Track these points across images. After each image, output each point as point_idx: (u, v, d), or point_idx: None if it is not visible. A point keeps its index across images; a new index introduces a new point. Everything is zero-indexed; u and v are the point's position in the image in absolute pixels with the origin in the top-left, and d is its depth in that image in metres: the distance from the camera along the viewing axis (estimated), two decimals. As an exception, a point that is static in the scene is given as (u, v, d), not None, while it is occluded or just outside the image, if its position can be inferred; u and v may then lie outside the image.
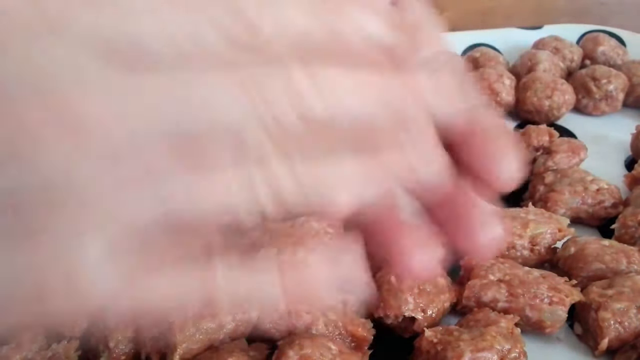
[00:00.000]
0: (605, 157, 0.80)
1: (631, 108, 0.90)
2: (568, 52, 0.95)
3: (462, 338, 0.50)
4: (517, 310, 0.55)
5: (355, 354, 0.51)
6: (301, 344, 0.48)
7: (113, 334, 0.51)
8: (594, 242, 0.61)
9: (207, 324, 0.50)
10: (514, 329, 0.52)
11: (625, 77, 0.88)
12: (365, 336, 0.54)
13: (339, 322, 0.54)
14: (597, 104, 0.88)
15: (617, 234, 0.65)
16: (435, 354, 0.50)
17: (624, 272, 0.58)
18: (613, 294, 0.55)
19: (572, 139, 0.77)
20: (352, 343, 0.54)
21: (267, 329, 0.53)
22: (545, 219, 0.63)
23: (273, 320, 0.53)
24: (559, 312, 0.55)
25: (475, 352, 0.49)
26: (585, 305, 0.56)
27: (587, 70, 0.89)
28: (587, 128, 0.86)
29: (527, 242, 0.62)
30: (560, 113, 0.85)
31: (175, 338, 0.49)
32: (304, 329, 0.53)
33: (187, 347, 0.49)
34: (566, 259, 0.61)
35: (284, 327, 0.53)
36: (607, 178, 0.71)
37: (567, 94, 0.85)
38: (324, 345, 0.49)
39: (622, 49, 0.97)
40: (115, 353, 0.51)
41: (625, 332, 0.54)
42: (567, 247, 0.62)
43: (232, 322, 0.51)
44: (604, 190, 0.68)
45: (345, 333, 0.54)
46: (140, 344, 0.52)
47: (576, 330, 0.57)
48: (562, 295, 0.55)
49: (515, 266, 0.58)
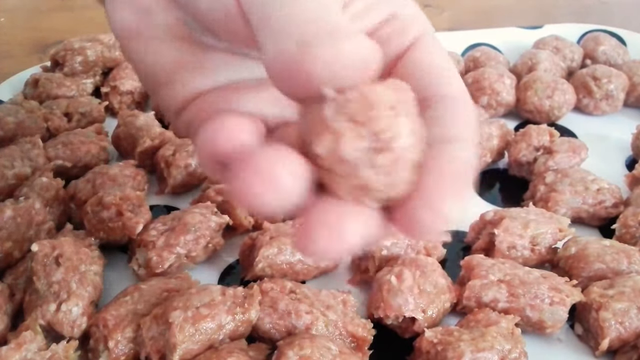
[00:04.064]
0: (606, 157, 0.80)
1: (632, 108, 0.90)
2: (569, 52, 0.95)
3: (463, 338, 0.50)
4: (518, 310, 0.55)
5: (355, 355, 0.51)
6: (301, 344, 0.48)
7: (112, 334, 0.51)
8: (595, 242, 0.61)
9: (207, 324, 0.50)
10: (515, 329, 0.52)
11: (625, 77, 0.88)
12: (365, 336, 0.54)
13: (339, 323, 0.54)
14: (598, 104, 0.87)
15: (617, 234, 0.65)
16: (436, 354, 0.50)
17: (624, 272, 0.58)
18: (614, 294, 0.55)
19: (573, 139, 0.76)
20: (352, 343, 0.54)
21: (267, 329, 0.53)
22: (545, 219, 0.63)
23: (273, 321, 0.53)
24: (560, 313, 0.55)
25: (475, 353, 0.49)
26: (586, 305, 0.56)
27: (588, 70, 0.89)
28: (587, 128, 0.86)
29: (528, 242, 0.62)
30: (560, 113, 0.85)
31: (175, 338, 0.49)
32: (304, 329, 0.52)
33: (187, 347, 0.49)
34: (567, 259, 0.61)
35: (284, 327, 0.53)
36: (608, 178, 0.70)
37: (567, 94, 0.84)
38: (323, 345, 0.49)
39: (622, 48, 0.97)
40: (114, 353, 0.51)
41: (626, 333, 0.53)
42: (568, 247, 0.61)
43: (232, 322, 0.51)
44: (605, 190, 0.68)
45: (346, 333, 0.54)
46: (140, 344, 0.52)
47: (577, 330, 0.57)
48: (563, 295, 0.55)
49: (515, 266, 0.58)
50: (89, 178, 0.68)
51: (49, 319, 0.52)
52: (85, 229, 0.63)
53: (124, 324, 0.52)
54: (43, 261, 0.54)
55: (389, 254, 0.60)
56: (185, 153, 0.71)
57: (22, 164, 0.67)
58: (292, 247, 0.60)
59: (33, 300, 0.54)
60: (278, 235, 0.60)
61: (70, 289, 0.53)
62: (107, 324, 0.52)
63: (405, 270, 0.56)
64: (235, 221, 0.65)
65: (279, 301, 0.53)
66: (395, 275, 0.56)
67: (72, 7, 1.22)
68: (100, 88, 0.88)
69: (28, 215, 0.60)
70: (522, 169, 0.76)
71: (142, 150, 0.74)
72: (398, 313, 0.54)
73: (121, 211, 0.61)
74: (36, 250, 0.55)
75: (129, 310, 0.53)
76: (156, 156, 0.73)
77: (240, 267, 0.63)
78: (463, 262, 0.60)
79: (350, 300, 0.56)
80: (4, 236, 0.58)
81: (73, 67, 0.87)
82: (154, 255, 0.59)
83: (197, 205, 0.65)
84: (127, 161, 0.72)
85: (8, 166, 0.66)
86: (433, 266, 0.58)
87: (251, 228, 0.66)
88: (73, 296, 0.53)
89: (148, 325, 0.51)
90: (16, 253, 0.59)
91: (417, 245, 0.62)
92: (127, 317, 0.52)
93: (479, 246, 0.64)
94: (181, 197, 0.73)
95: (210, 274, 0.63)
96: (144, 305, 0.54)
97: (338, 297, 0.56)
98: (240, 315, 0.52)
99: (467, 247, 0.66)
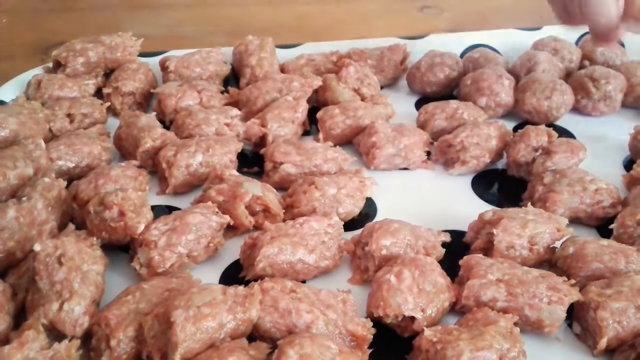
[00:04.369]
0: (604, 157, 0.80)
1: (630, 108, 0.91)
2: (567, 53, 0.96)
3: (462, 337, 0.50)
4: (516, 309, 0.55)
5: (355, 353, 0.52)
6: (301, 343, 0.48)
7: (114, 333, 0.52)
8: (593, 242, 0.61)
9: (208, 323, 0.50)
10: (513, 328, 0.53)
11: (623, 78, 0.88)
12: (365, 335, 0.54)
13: (339, 322, 0.54)
14: (596, 105, 0.88)
15: (615, 234, 0.65)
16: (435, 353, 0.51)
17: (622, 271, 0.58)
18: (612, 293, 0.55)
19: (571, 140, 0.77)
20: (352, 342, 0.54)
21: (267, 328, 0.53)
22: (544, 218, 0.64)
23: (273, 320, 0.53)
24: (558, 312, 0.55)
25: (474, 352, 0.49)
26: (584, 304, 0.56)
27: (586, 71, 0.90)
28: (585, 128, 0.86)
29: (526, 242, 0.62)
30: (559, 113, 0.85)
31: (177, 337, 0.49)
32: (305, 328, 0.53)
33: (188, 346, 0.49)
34: (565, 259, 0.61)
35: (284, 326, 0.53)
36: (606, 178, 0.71)
37: (566, 95, 0.85)
38: (323, 344, 0.49)
39: (620, 49, 0.98)
40: (116, 352, 0.51)
41: (624, 332, 0.54)
42: (566, 246, 0.62)
43: (233, 321, 0.52)
44: (603, 190, 0.69)
45: (345, 332, 0.54)
46: (141, 343, 0.52)
47: (575, 329, 0.58)
48: (561, 294, 0.55)
49: (514, 266, 0.59)
50: (91, 178, 0.68)
51: (52, 318, 0.53)
52: (87, 229, 0.63)
53: (126, 323, 0.52)
54: (45, 261, 0.55)
55: (389, 254, 0.61)
56: (187, 153, 0.72)
57: (25, 164, 0.67)
58: (292, 247, 0.60)
59: (35, 299, 0.54)
60: (279, 235, 0.61)
61: (73, 288, 0.54)
62: (109, 323, 0.52)
63: (405, 270, 0.56)
64: (236, 221, 0.66)
65: (280, 300, 0.54)
66: (394, 275, 0.56)
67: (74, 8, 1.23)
68: (102, 89, 0.89)
69: (30, 216, 0.61)
70: (521, 170, 0.76)
71: (144, 151, 0.75)
72: (397, 312, 0.55)
73: (123, 211, 0.61)
74: (38, 250, 0.55)
75: (131, 310, 0.53)
76: (158, 156, 0.74)
77: (241, 267, 0.63)
78: (462, 262, 0.60)
79: (350, 299, 0.57)
80: (6, 236, 0.59)
81: (75, 68, 0.88)
82: (155, 254, 0.60)
83: (198, 205, 0.65)
84: (129, 162, 0.72)
85: (10, 167, 0.66)
86: (432, 266, 0.58)
87: (252, 228, 0.67)
88: (75, 295, 0.54)
89: (150, 324, 0.51)
90: (19, 253, 0.60)
91: (417, 244, 0.62)
92: (129, 316, 0.53)
93: (477, 246, 0.65)
94: (182, 197, 0.73)
95: (211, 273, 0.63)
96: (145, 305, 0.54)
97: (338, 296, 0.57)
98: (241, 315, 0.52)
99: (466, 246, 0.67)
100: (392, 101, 0.87)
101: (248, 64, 0.90)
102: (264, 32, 0.96)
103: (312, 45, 0.98)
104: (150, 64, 0.92)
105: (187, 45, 0.96)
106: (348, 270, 0.64)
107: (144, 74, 0.89)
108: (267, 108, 0.82)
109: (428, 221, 0.67)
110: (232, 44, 0.95)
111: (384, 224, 0.63)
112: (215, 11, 1.23)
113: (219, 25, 1.18)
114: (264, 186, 0.69)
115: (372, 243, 0.61)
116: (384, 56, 0.94)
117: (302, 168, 0.73)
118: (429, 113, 0.83)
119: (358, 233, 0.65)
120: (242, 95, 0.86)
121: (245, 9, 1.24)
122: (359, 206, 0.70)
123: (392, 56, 0.94)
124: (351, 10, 1.25)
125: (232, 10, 1.23)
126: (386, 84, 0.95)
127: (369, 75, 0.88)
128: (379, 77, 0.92)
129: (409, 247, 0.62)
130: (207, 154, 0.72)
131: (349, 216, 0.69)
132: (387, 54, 0.95)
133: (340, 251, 0.63)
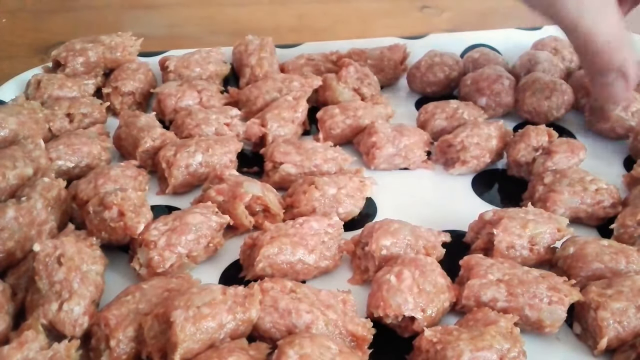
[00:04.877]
0: (604, 157, 0.80)
1: (630, 108, 0.91)
2: (567, 53, 0.95)
3: (462, 337, 0.50)
4: (517, 309, 0.55)
5: (355, 354, 0.52)
6: (301, 343, 0.48)
7: (114, 333, 0.52)
8: (593, 242, 0.61)
9: (207, 323, 0.50)
10: (514, 328, 0.53)
11: (624, 78, 0.88)
12: (365, 335, 0.54)
13: (339, 322, 0.54)
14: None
15: (616, 234, 0.65)
16: (435, 353, 0.51)
17: (623, 271, 0.58)
18: (612, 293, 0.55)
19: (572, 139, 0.77)
20: (352, 342, 0.54)
21: (267, 328, 0.53)
22: (544, 218, 0.64)
23: (273, 320, 0.53)
24: (558, 312, 0.55)
25: (474, 352, 0.49)
26: (585, 304, 0.56)
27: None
28: (586, 128, 0.86)
29: (527, 242, 0.62)
30: (559, 113, 0.85)
31: (177, 337, 0.49)
32: (304, 328, 0.53)
33: (188, 346, 0.49)
34: (565, 259, 0.61)
35: (284, 326, 0.53)
36: (606, 178, 0.71)
37: (566, 95, 0.85)
38: (323, 344, 0.49)
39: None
40: (116, 352, 0.51)
41: (625, 332, 0.54)
42: (566, 246, 0.62)
43: (233, 321, 0.51)
44: (603, 190, 0.69)
45: (345, 332, 0.54)
46: (141, 343, 0.52)
47: (575, 329, 0.57)
48: (562, 294, 0.55)
49: (514, 266, 0.59)
50: (90, 178, 0.68)
51: (51, 318, 0.53)
52: (87, 229, 0.63)
53: (126, 323, 0.52)
54: (45, 261, 0.55)
55: (389, 254, 0.61)
56: (186, 153, 0.72)
57: (24, 164, 0.67)
58: (292, 247, 0.60)
59: (35, 299, 0.54)
60: (278, 235, 0.61)
61: (72, 288, 0.54)
62: (108, 323, 0.52)
63: (405, 270, 0.56)
64: (235, 221, 0.66)
65: (280, 300, 0.54)
66: (394, 275, 0.56)
67: (74, 8, 1.22)
68: (101, 89, 0.89)
69: (30, 216, 0.61)
70: (521, 169, 0.76)
71: (144, 151, 0.74)
72: (398, 312, 0.54)
73: (122, 211, 0.61)
74: (38, 250, 0.55)
75: (131, 310, 0.53)
76: (157, 156, 0.74)
77: (241, 267, 0.63)
78: (462, 262, 0.60)
79: (350, 299, 0.57)
80: (6, 236, 0.59)
81: (75, 68, 0.88)
82: (155, 254, 0.60)
83: (198, 205, 0.65)
84: (129, 161, 0.72)
85: (10, 167, 0.66)
86: (432, 266, 0.58)
87: (252, 228, 0.67)
88: (75, 296, 0.54)
89: (149, 325, 0.51)
90: (18, 253, 0.60)
91: (417, 244, 0.62)
92: (128, 317, 0.53)
93: (478, 246, 0.64)
94: (182, 197, 0.73)
95: (211, 273, 0.63)
96: (145, 305, 0.54)
97: (338, 296, 0.56)
98: (240, 315, 0.52)
99: (466, 246, 0.66)
100: (392, 101, 0.87)
101: (248, 64, 0.90)
102: (264, 32, 0.96)
103: (312, 45, 0.98)
104: (150, 63, 0.92)
105: (186, 45, 0.96)
106: (348, 270, 0.64)
107: (144, 74, 0.89)
108: (267, 108, 0.82)
109: (428, 221, 0.67)
110: (232, 44, 0.95)
111: (384, 224, 0.63)
112: (215, 11, 1.23)
113: (219, 25, 1.18)
114: (264, 186, 0.68)
115: (372, 243, 0.61)
116: (384, 56, 0.94)
117: (302, 168, 0.73)
118: (429, 113, 0.83)
119: (358, 233, 0.65)
120: (242, 95, 0.86)
121: (245, 9, 1.24)
122: (359, 206, 0.70)
123: (392, 56, 0.94)
124: (351, 10, 1.25)
125: (232, 10, 1.23)
126: (386, 84, 0.95)
127: (369, 75, 0.88)
128: (379, 77, 0.92)
129: (409, 247, 0.62)
130: (207, 154, 0.72)
131: (349, 216, 0.69)
132: (387, 54, 0.94)
133: (340, 251, 0.63)
